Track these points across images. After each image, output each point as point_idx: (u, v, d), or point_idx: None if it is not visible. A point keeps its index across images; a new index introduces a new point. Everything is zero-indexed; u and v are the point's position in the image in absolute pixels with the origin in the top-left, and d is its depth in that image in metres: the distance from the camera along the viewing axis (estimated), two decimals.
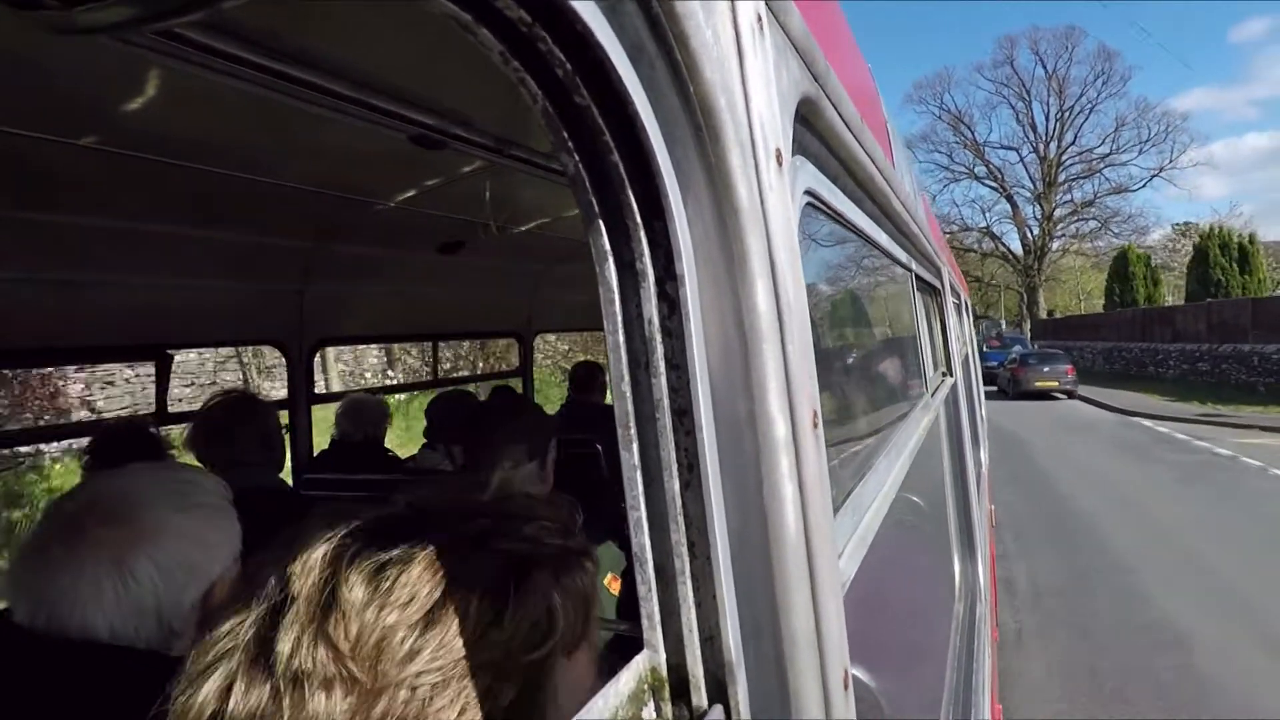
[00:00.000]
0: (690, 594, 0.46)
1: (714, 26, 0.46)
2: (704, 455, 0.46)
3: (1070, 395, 24.59)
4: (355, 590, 0.50)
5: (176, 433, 2.97)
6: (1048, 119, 52.04)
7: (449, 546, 0.53)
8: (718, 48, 0.46)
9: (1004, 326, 50.05)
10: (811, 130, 0.79)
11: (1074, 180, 51.84)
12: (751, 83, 0.50)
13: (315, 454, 3.67)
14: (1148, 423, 18.11)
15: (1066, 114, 51.44)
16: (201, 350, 12.62)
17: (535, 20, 0.37)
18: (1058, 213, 51.62)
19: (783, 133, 0.57)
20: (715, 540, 0.46)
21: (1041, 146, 52.15)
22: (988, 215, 55.56)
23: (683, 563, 0.46)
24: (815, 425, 0.52)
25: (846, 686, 0.54)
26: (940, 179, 54.56)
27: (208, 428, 2.22)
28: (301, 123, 1.75)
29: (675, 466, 0.46)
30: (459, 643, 0.50)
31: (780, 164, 0.54)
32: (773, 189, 0.51)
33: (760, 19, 0.53)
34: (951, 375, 2.84)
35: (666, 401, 0.46)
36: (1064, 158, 51.55)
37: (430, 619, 0.50)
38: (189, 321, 3.04)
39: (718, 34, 0.47)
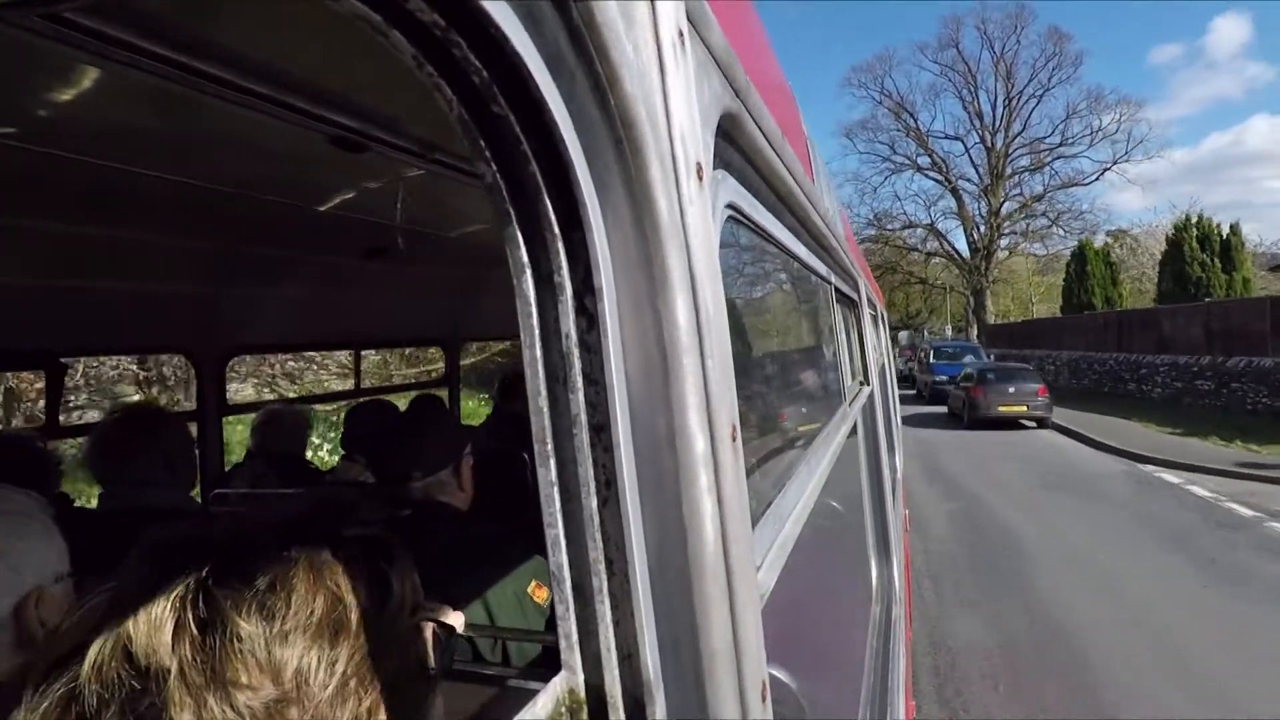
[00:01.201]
0: (608, 612, 0.46)
1: (635, 39, 0.46)
2: (622, 471, 0.45)
3: (1042, 424, 18.91)
4: (249, 627, 0.45)
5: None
6: (994, 106, 47.96)
7: (313, 549, 0.51)
8: (639, 61, 0.46)
9: (949, 333, 46.16)
10: (733, 144, 0.80)
11: (1022, 173, 47.75)
12: (672, 96, 0.50)
13: (228, 468, 3.50)
14: (1170, 476, 11.76)
15: (1015, 100, 47.37)
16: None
17: (449, 25, 0.36)
18: (1006, 207, 47.65)
19: (704, 146, 0.58)
20: (633, 557, 0.45)
21: (988, 136, 47.86)
22: (932, 211, 51.00)
23: (601, 581, 0.46)
24: (734, 439, 0.52)
25: (764, 699, 0.54)
26: (881, 170, 51.02)
27: (105, 443, 2.08)
28: (212, 118, 1.67)
29: (593, 483, 0.45)
30: (366, 634, 0.50)
31: (701, 178, 0.54)
32: (693, 203, 0.51)
33: (682, 33, 0.54)
34: (869, 384, 2.93)
35: (584, 417, 0.45)
36: (1011, 149, 47.63)
37: (336, 625, 0.48)
38: (85, 327, 2.85)
39: (639, 47, 0.47)
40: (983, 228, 47.86)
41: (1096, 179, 46.84)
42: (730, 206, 0.79)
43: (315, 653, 0.47)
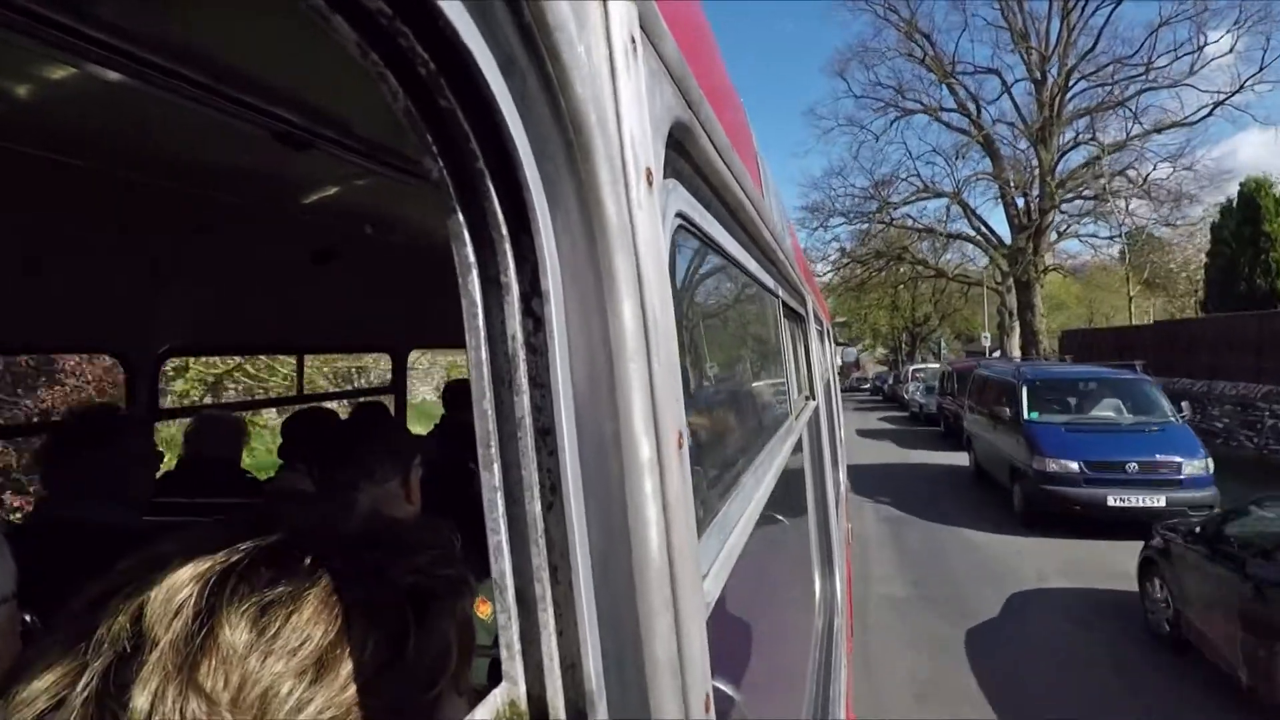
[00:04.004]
0: (551, 621, 0.45)
1: (586, 43, 0.46)
2: (567, 476, 0.45)
3: None
4: (237, 633, 0.43)
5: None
6: (1048, 19, 30.60)
7: (343, 581, 0.47)
8: (590, 65, 0.46)
9: (987, 342, 32.29)
10: (684, 155, 0.81)
11: (1092, 113, 30.56)
12: (624, 102, 0.50)
13: (160, 475, 3.35)
14: None
15: (1075, 10, 29.71)
16: None
17: (395, 13, 0.35)
18: (1063, 165, 30.77)
19: (654, 154, 0.58)
20: (577, 565, 0.45)
21: (1037, 64, 30.68)
22: (954, 171, 34.03)
23: (544, 588, 0.45)
24: (680, 446, 0.52)
25: (708, 709, 0.54)
26: (886, 113, 34.66)
27: (49, 448, 1.95)
28: (150, 108, 1.60)
29: (537, 488, 0.45)
30: (353, 689, 0.45)
31: (651, 184, 0.54)
32: (642, 208, 0.51)
33: (634, 41, 0.54)
34: (814, 399, 2.98)
35: (529, 420, 0.45)
36: (1071, 82, 30.38)
37: (322, 664, 0.44)
38: (4, 324, 2.70)
39: (590, 51, 0.46)
40: (1024, 197, 31.72)
41: (1208, 114, 29.24)
42: (680, 216, 0.79)
43: (289, 682, 0.43)
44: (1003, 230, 33.48)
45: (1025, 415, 10.98)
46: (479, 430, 0.46)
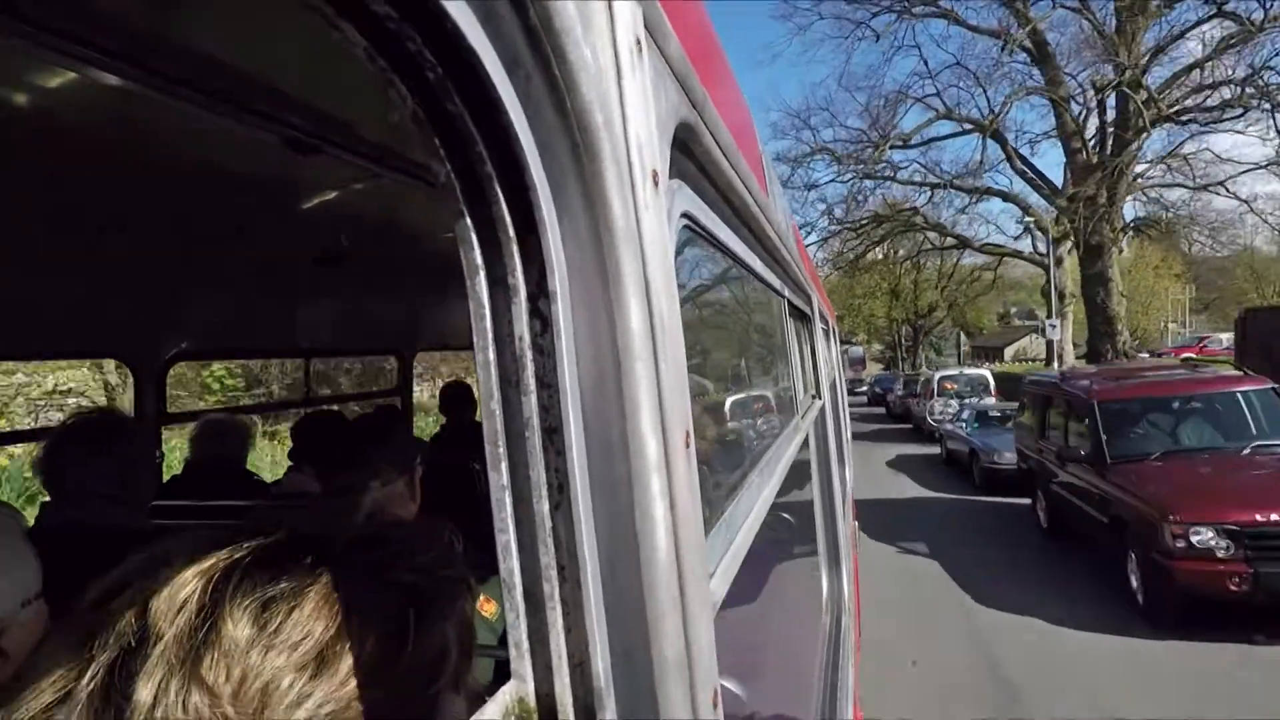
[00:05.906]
0: (560, 619, 0.45)
1: (592, 45, 0.46)
2: (574, 475, 0.45)
3: None
4: (239, 628, 0.44)
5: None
6: None
7: (343, 579, 0.48)
8: (596, 66, 0.46)
9: (1055, 334, 21.73)
10: (689, 156, 0.81)
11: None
12: (629, 103, 0.50)
13: (166, 480, 3.37)
14: None
15: None
16: None
17: (403, 18, 0.36)
18: (1155, 77, 20.81)
19: (660, 154, 0.58)
20: (585, 563, 0.45)
21: None
22: (989, 95, 23.79)
23: (552, 587, 0.45)
24: (687, 445, 0.52)
25: (716, 706, 0.54)
26: (889, 13, 24.15)
27: (52, 452, 1.96)
28: (158, 114, 1.61)
29: (545, 487, 0.45)
30: (353, 684, 0.46)
31: (657, 185, 0.54)
32: (648, 209, 0.51)
33: (639, 42, 0.54)
34: (820, 398, 2.98)
35: (537, 420, 0.45)
36: None
37: (323, 659, 0.45)
38: (10, 332, 2.72)
39: (596, 53, 0.47)
40: (1092, 132, 21.56)
41: None
42: (686, 216, 0.79)
43: (290, 676, 0.44)
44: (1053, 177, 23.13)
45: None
46: (486, 429, 0.46)
